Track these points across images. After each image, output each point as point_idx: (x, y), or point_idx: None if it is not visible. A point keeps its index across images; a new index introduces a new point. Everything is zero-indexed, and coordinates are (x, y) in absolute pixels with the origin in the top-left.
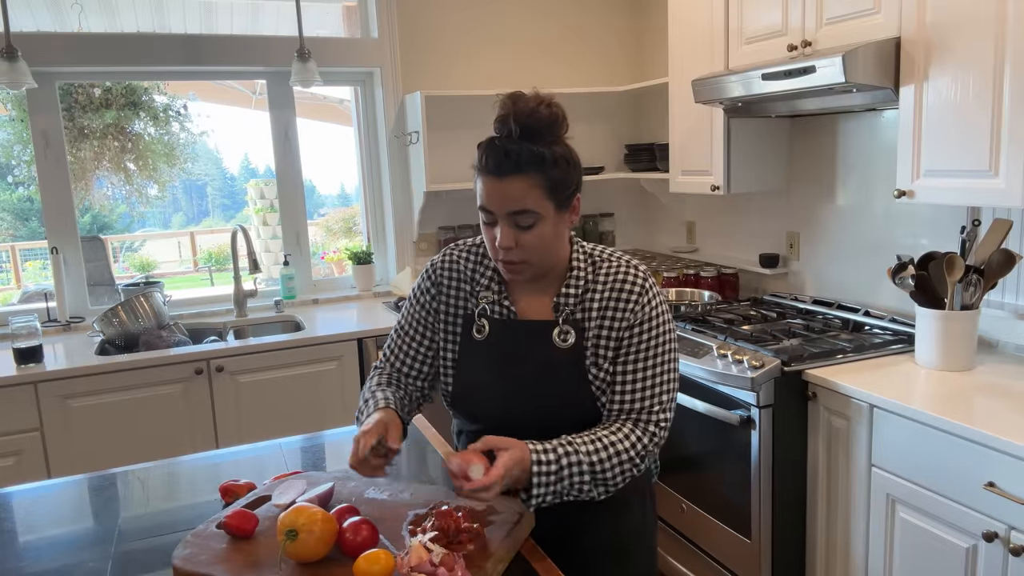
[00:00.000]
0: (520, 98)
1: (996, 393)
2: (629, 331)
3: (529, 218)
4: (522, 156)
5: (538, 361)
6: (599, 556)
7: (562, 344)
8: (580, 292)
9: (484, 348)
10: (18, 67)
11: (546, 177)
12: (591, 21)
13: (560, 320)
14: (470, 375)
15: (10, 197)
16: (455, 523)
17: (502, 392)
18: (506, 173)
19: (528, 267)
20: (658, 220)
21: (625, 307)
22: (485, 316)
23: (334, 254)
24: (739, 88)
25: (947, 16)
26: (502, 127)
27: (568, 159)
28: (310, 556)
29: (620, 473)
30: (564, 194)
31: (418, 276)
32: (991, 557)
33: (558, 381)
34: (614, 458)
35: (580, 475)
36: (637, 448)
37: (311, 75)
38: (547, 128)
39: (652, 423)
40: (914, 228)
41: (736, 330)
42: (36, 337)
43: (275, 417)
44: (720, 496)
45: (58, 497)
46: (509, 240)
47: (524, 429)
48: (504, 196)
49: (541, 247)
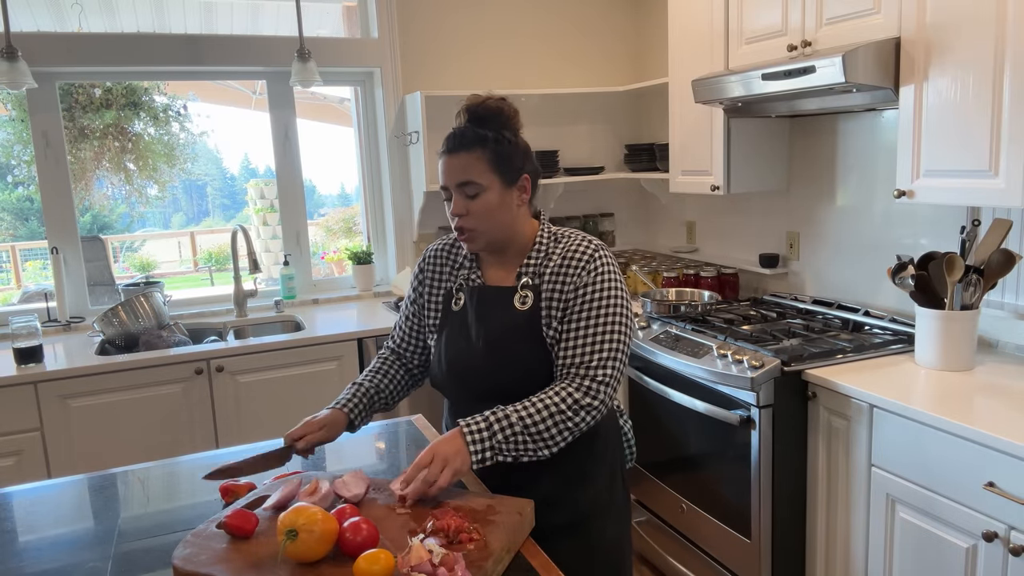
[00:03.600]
0: (474, 96)
1: (996, 393)
2: (574, 292)
3: (473, 188)
4: (466, 135)
5: (500, 323)
6: (560, 532)
7: (521, 307)
8: (540, 260)
9: (459, 316)
10: (18, 67)
11: (489, 151)
12: (591, 21)
13: (520, 286)
14: (447, 343)
15: (10, 197)
16: (455, 523)
17: (470, 353)
18: (454, 150)
19: (479, 235)
20: (658, 220)
21: (574, 271)
22: (462, 290)
23: (334, 254)
24: (739, 88)
25: (947, 16)
26: (457, 118)
27: (512, 142)
28: (310, 556)
29: (555, 426)
30: (509, 170)
31: None
32: (991, 557)
33: (517, 341)
34: (543, 412)
35: (512, 431)
36: (568, 402)
37: (311, 75)
38: (493, 117)
39: (589, 378)
40: (914, 228)
41: (736, 330)
42: (36, 337)
43: (275, 417)
44: (720, 496)
45: (58, 497)
46: (459, 208)
47: (491, 390)
48: (452, 169)
49: (487, 215)
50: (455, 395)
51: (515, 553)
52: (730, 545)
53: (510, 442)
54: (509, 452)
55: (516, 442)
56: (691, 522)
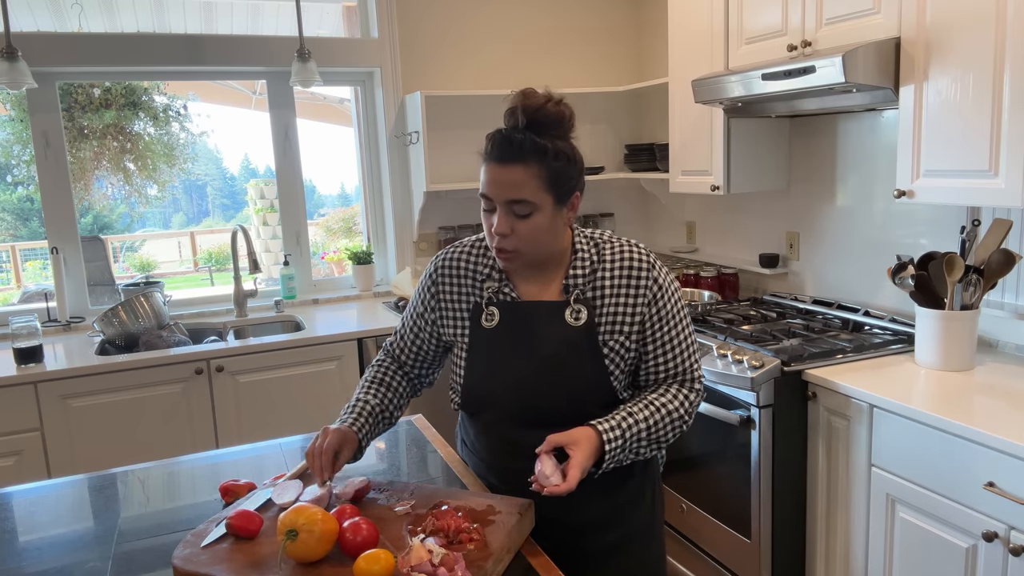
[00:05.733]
0: (531, 94)
1: (996, 393)
2: (651, 306)
3: (526, 208)
4: (525, 145)
5: (552, 340)
6: (608, 553)
7: (575, 323)
8: (587, 272)
9: (495, 334)
10: (18, 67)
11: (547, 168)
12: (591, 21)
13: (571, 300)
14: (483, 363)
15: (10, 197)
16: (455, 523)
17: (516, 374)
18: (508, 160)
19: (519, 257)
20: (658, 220)
21: (639, 283)
22: (493, 304)
23: (334, 254)
24: (739, 88)
25: (947, 16)
26: (510, 118)
27: (571, 156)
28: (310, 556)
29: (672, 430)
30: (563, 189)
31: (422, 275)
32: (991, 557)
33: (573, 359)
34: (667, 418)
35: (638, 441)
36: (686, 406)
37: (311, 75)
38: (553, 123)
39: (695, 380)
40: (914, 228)
41: (736, 330)
42: (36, 337)
43: (275, 417)
44: (720, 496)
45: (58, 497)
46: (505, 227)
47: (538, 412)
48: (504, 183)
49: (535, 238)
50: (495, 416)
51: (515, 553)
52: (730, 545)
53: (632, 452)
54: (626, 459)
55: (636, 447)
56: (691, 522)
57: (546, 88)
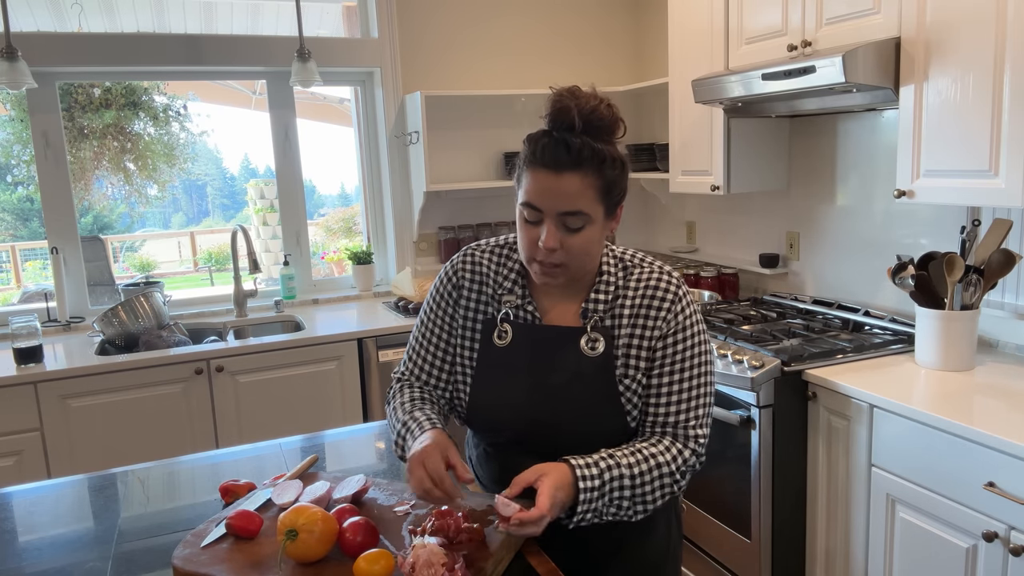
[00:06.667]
0: (581, 93)
1: (996, 393)
2: (663, 341)
3: (579, 220)
4: (584, 151)
5: (564, 369)
6: (612, 553)
7: (590, 352)
8: (610, 298)
9: (506, 355)
10: (18, 67)
11: (603, 177)
12: (591, 21)
13: (588, 327)
14: (490, 384)
15: (10, 197)
16: (455, 523)
17: (525, 402)
18: (564, 168)
19: (566, 272)
20: (658, 220)
21: (657, 315)
22: (508, 321)
23: (334, 254)
24: (739, 88)
25: (947, 16)
26: (562, 120)
27: (624, 163)
28: (310, 556)
29: (660, 489)
30: (614, 199)
31: (436, 279)
32: (991, 557)
33: (585, 391)
34: (654, 471)
35: (620, 490)
36: (678, 463)
37: (311, 75)
38: (607, 128)
39: (691, 439)
40: (914, 228)
41: (736, 330)
42: (36, 337)
43: (275, 417)
44: (720, 496)
45: (58, 497)
46: (555, 241)
47: (546, 442)
48: (558, 193)
49: (585, 252)
50: (494, 439)
51: (515, 553)
52: (730, 545)
53: (613, 503)
54: (606, 515)
55: (618, 498)
56: (691, 522)
57: (592, 86)
